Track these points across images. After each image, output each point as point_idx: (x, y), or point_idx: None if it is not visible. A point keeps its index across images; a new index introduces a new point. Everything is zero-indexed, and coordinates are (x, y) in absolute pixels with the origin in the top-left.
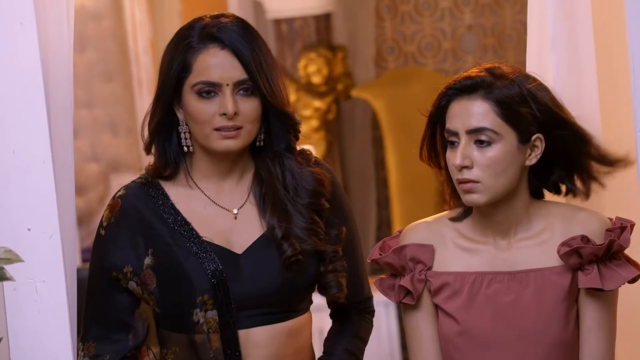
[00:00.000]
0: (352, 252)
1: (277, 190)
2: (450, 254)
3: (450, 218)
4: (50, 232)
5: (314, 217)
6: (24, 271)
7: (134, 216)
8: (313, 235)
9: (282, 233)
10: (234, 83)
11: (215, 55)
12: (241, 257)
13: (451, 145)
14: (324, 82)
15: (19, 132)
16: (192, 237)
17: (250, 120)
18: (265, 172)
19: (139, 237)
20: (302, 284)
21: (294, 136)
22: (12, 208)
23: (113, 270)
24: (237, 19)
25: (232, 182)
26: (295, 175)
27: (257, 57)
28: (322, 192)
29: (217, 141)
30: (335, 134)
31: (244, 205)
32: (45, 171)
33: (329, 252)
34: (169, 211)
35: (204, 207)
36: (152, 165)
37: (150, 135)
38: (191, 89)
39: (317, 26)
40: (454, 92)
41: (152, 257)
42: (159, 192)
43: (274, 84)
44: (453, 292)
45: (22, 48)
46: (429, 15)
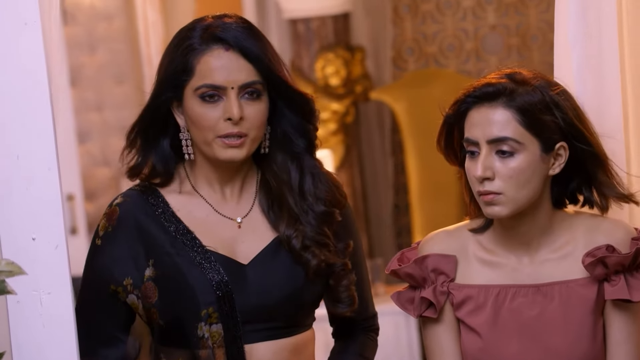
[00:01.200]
0: (357, 267)
1: (287, 200)
2: (472, 267)
3: (471, 229)
4: (55, 242)
5: (324, 228)
6: (29, 283)
7: (133, 225)
8: (323, 248)
9: (300, 243)
10: (239, 86)
11: (219, 57)
12: (247, 268)
13: (471, 155)
14: (342, 84)
15: (23, 137)
16: (195, 246)
17: (256, 126)
18: (273, 179)
19: (139, 247)
20: (309, 298)
21: (313, 128)
22: (16, 217)
23: (111, 283)
24: (241, 19)
25: (235, 189)
26: (315, 179)
27: (265, 53)
28: (339, 201)
29: (220, 150)
30: (354, 137)
31: (249, 214)
32: (51, 178)
33: (337, 266)
34: (170, 219)
35: (207, 215)
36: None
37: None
38: (193, 93)
39: (335, 26)
40: (473, 99)
41: (154, 268)
42: (158, 199)
43: (286, 77)
44: (476, 306)
45: (26, 49)
46: (451, 15)
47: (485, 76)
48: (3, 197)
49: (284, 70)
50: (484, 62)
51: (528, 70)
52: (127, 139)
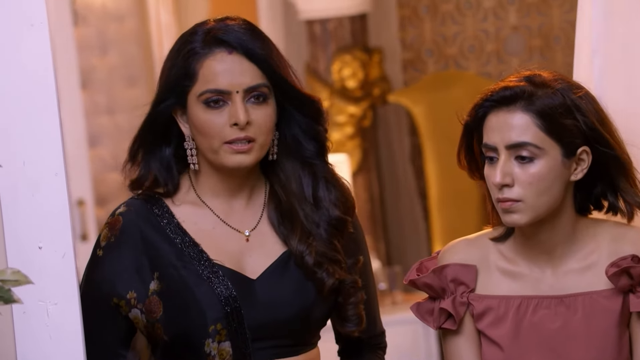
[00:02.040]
0: (366, 283)
1: (297, 212)
2: (493, 277)
3: (492, 238)
4: (63, 250)
5: (336, 243)
6: (35, 293)
7: (137, 236)
8: (334, 264)
9: (313, 259)
10: (244, 90)
11: (222, 61)
12: (256, 283)
13: (489, 161)
14: (359, 86)
15: (29, 142)
16: (202, 259)
17: (263, 131)
18: (281, 190)
19: (144, 259)
20: (319, 314)
21: (323, 130)
22: (22, 225)
23: (113, 297)
24: (244, 21)
25: (242, 201)
26: (329, 185)
27: (270, 55)
28: (351, 209)
29: (228, 156)
30: (371, 141)
31: (257, 227)
32: (58, 184)
33: (347, 282)
34: (176, 231)
35: (213, 227)
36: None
37: (136, 141)
38: (197, 99)
39: (352, 27)
40: (491, 103)
41: (159, 282)
42: (163, 209)
43: (293, 79)
44: (497, 317)
45: (32, 51)
46: (472, 16)
47: (504, 79)
48: (8, 204)
49: (290, 71)
50: (505, 64)
51: (549, 72)
52: (129, 151)
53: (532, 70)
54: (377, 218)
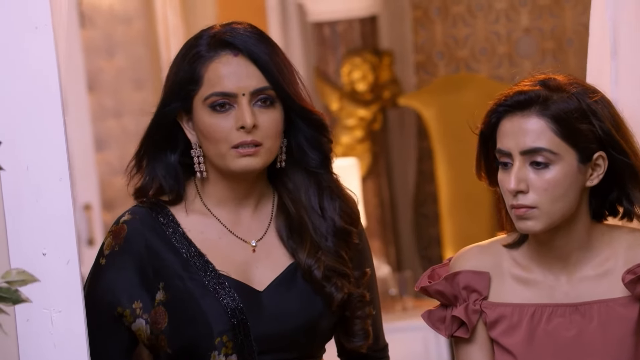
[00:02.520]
0: (374, 296)
1: (307, 225)
2: (506, 284)
3: (505, 244)
4: (67, 257)
5: (342, 254)
6: (39, 300)
7: (142, 244)
8: (342, 278)
9: (321, 273)
10: (250, 92)
11: (228, 63)
12: (262, 294)
13: (503, 167)
14: (369, 89)
15: (33, 146)
16: (208, 270)
17: (270, 136)
18: (290, 202)
19: (149, 268)
20: (326, 327)
21: (327, 142)
22: (25, 231)
23: (117, 307)
24: (250, 25)
25: (249, 210)
26: (333, 195)
27: (275, 61)
28: (355, 220)
29: (235, 160)
30: (382, 145)
31: (264, 237)
32: (62, 190)
33: (355, 296)
34: (181, 240)
35: (219, 237)
36: (136, 188)
37: (140, 149)
38: (203, 103)
39: (362, 29)
40: (505, 108)
41: (164, 292)
42: (168, 218)
43: (297, 90)
44: (510, 325)
45: (36, 54)
46: (483, 17)
47: (517, 83)
48: (12, 210)
49: (296, 79)
50: (517, 66)
51: (564, 75)
52: (135, 157)
53: (547, 74)
54: (386, 222)
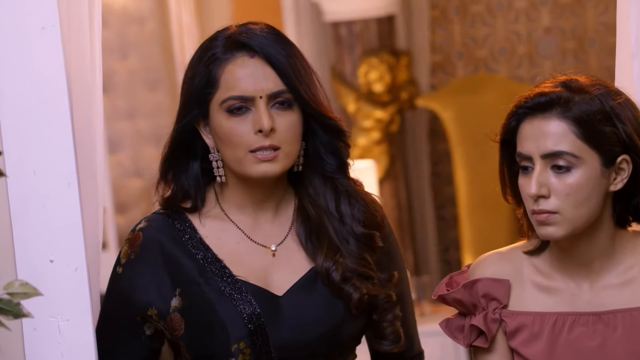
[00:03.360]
0: (403, 300)
1: (327, 228)
2: (527, 292)
3: (526, 251)
4: (75, 264)
5: (366, 256)
6: (46, 308)
7: (158, 251)
8: (366, 280)
9: (340, 276)
10: (268, 95)
11: (244, 65)
12: (282, 300)
13: (524, 171)
14: (386, 90)
15: (40, 150)
16: (225, 275)
17: (289, 140)
18: (310, 205)
19: (164, 275)
20: (349, 333)
21: (345, 148)
22: (33, 237)
23: (137, 315)
24: (267, 26)
25: (269, 214)
26: (351, 199)
27: (293, 63)
28: (378, 223)
29: (253, 165)
30: (399, 147)
31: (284, 242)
32: (70, 195)
33: (381, 298)
34: (198, 246)
35: (237, 242)
36: (165, 198)
37: (165, 161)
38: (219, 107)
39: (379, 29)
40: (525, 111)
41: (180, 299)
42: (185, 224)
43: (315, 93)
44: (531, 335)
45: (43, 56)
46: (502, 17)
47: (538, 85)
48: (18, 215)
49: (314, 83)
50: (537, 67)
51: (586, 76)
52: (160, 172)
53: (569, 75)
54: (404, 226)
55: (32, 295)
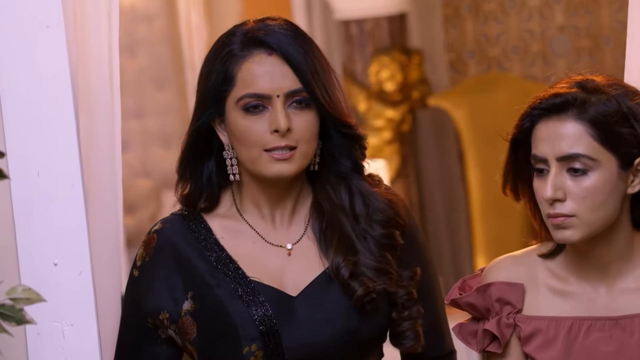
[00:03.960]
0: (430, 297)
1: (343, 224)
2: (542, 296)
3: (541, 254)
4: (79, 267)
5: (386, 254)
6: (50, 313)
7: (172, 254)
8: (383, 276)
9: (349, 272)
10: (285, 94)
11: (262, 63)
12: (296, 300)
13: (539, 174)
14: (397, 89)
15: (44, 151)
16: (238, 277)
17: (306, 139)
18: (326, 202)
19: (177, 278)
20: (368, 333)
21: (360, 152)
22: (36, 240)
23: (149, 318)
24: (285, 22)
25: (286, 213)
26: (366, 200)
27: (311, 62)
28: (397, 222)
29: (268, 165)
30: (411, 147)
31: (300, 240)
32: (74, 197)
33: (401, 295)
34: (212, 247)
35: (253, 242)
36: (183, 195)
37: (183, 160)
38: (235, 105)
39: (390, 27)
40: (540, 112)
41: (192, 302)
42: (200, 225)
43: (332, 94)
44: (546, 340)
45: (47, 54)
46: (516, 15)
47: (553, 85)
48: (21, 218)
49: (332, 82)
50: (551, 66)
51: (603, 76)
52: (178, 172)
53: (584, 75)
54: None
55: (35, 301)
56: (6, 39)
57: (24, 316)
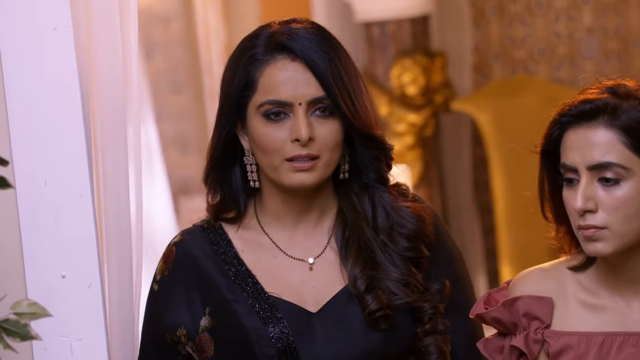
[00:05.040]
0: (464, 311)
1: (364, 234)
2: (572, 311)
3: (570, 267)
4: (89, 280)
5: (410, 267)
6: (57, 327)
7: (190, 267)
8: (407, 289)
9: (365, 284)
10: (308, 102)
11: (284, 69)
12: (316, 317)
13: (569, 184)
14: (420, 93)
15: (51, 158)
16: (256, 292)
17: (329, 148)
18: (349, 211)
19: (195, 293)
20: (392, 351)
21: (385, 165)
22: (43, 251)
23: (167, 334)
24: (312, 25)
25: (309, 225)
26: (390, 213)
27: (336, 69)
28: (423, 234)
29: (289, 174)
30: (433, 152)
31: (323, 253)
32: (83, 206)
33: (427, 310)
34: (231, 261)
35: (274, 256)
36: (211, 204)
37: (207, 166)
38: (256, 111)
39: (412, 30)
40: (569, 119)
41: (210, 318)
42: (221, 237)
43: (358, 102)
44: (577, 356)
45: (55, 58)
46: (542, 16)
47: (583, 91)
48: (28, 228)
49: (360, 90)
50: (578, 68)
51: (635, 81)
52: (205, 181)
53: (615, 80)
54: None
55: (41, 315)
56: (11, 42)
57: (29, 332)
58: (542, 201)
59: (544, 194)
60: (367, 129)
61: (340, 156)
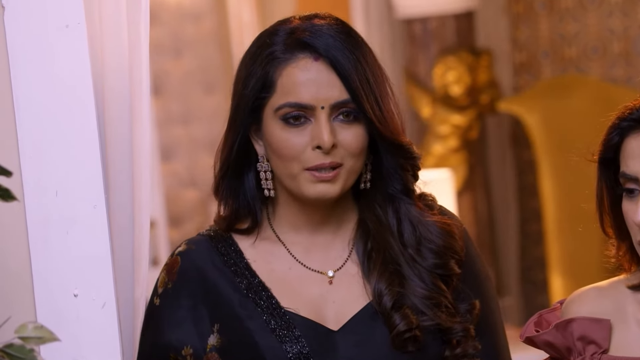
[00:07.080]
0: (492, 333)
1: (390, 246)
2: (632, 334)
3: (630, 286)
4: (103, 299)
5: (439, 284)
6: (69, 350)
7: (197, 280)
8: (436, 308)
9: (392, 302)
10: (331, 105)
11: (306, 69)
12: (337, 335)
13: (629, 195)
14: (465, 93)
15: (63, 167)
16: (271, 307)
17: (353, 155)
18: (372, 222)
19: (202, 308)
20: None
21: (412, 175)
22: (54, 268)
23: (171, 352)
24: (335, 21)
25: (328, 235)
26: (416, 226)
27: (362, 70)
28: (453, 250)
29: (308, 185)
30: (478, 155)
31: (344, 266)
32: (97, 219)
33: (456, 331)
34: (243, 273)
35: (290, 267)
36: (221, 215)
37: (218, 174)
38: (274, 114)
39: (457, 26)
40: (629, 124)
41: (219, 335)
42: (230, 248)
43: (385, 107)
44: None
45: (67, 58)
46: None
47: None
48: (38, 242)
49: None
50: (634, 67)
51: None
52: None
53: None
54: (484, 242)
55: (48, 340)
56: (19, 41)
57: (35, 357)
58: (602, 215)
59: (604, 207)
60: (394, 135)
61: (363, 164)
